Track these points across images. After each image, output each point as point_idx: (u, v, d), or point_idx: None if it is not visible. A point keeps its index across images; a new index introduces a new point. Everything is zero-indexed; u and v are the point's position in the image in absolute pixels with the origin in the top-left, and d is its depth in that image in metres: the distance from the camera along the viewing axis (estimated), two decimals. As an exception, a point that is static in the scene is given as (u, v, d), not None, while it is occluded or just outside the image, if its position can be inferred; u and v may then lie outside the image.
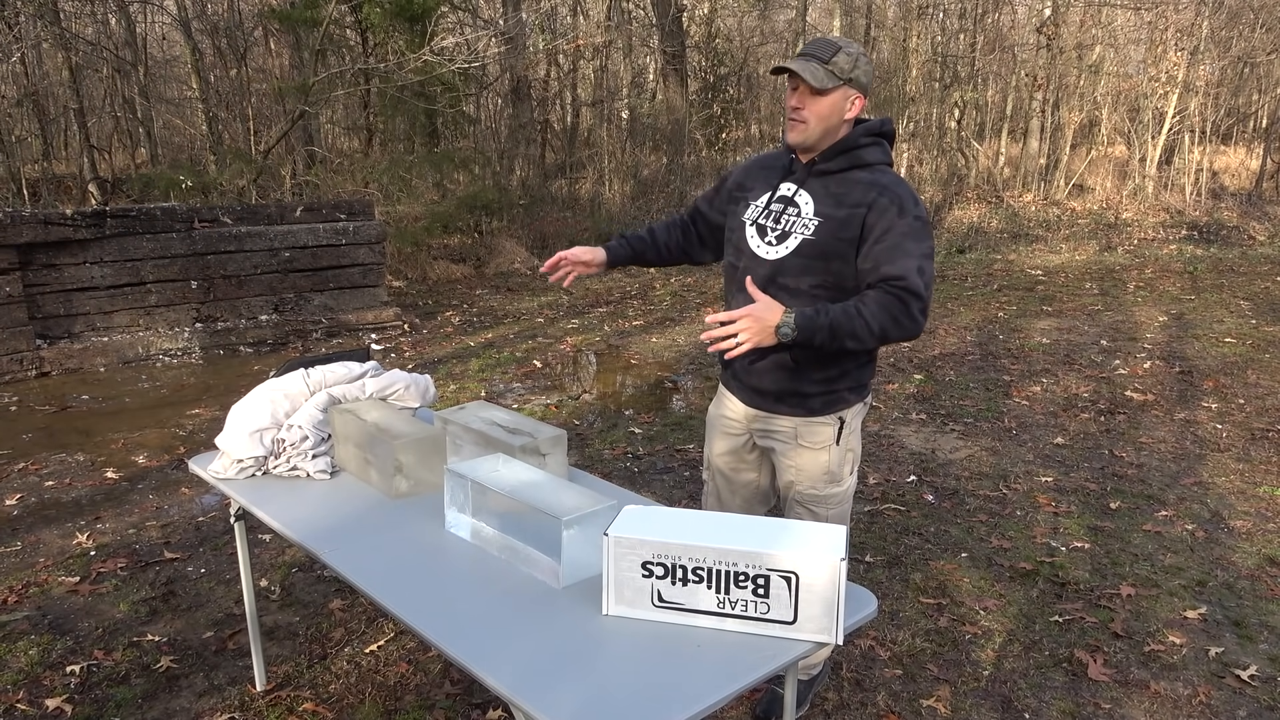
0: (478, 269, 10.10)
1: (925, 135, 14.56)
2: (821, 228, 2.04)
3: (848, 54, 2.00)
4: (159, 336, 6.53)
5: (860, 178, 2.04)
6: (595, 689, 1.41)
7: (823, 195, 2.06)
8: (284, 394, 2.34)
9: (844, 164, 2.06)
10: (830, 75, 1.99)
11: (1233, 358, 6.36)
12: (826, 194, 2.06)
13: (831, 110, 2.03)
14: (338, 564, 1.82)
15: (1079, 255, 11.24)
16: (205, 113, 11.50)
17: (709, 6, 14.83)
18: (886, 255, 1.97)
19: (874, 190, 2.01)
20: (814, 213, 2.06)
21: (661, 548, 1.54)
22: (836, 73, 1.99)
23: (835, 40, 2.03)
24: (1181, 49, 13.71)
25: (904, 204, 1.99)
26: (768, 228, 2.13)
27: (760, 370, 2.18)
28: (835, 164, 2.07)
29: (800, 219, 2.07)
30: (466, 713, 2.57)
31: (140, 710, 2.58)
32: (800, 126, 2.05)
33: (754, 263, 2.14)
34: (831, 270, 2.04)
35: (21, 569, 3.40)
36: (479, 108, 13.28)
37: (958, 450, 4.64)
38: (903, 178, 2.08)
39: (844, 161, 2.06)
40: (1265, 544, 3.60)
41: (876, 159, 2.07)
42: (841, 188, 2.05)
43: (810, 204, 2.07)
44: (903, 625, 3.02)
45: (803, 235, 2.06)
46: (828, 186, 2.07)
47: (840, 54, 2.00)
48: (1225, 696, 2.64)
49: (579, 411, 5.30)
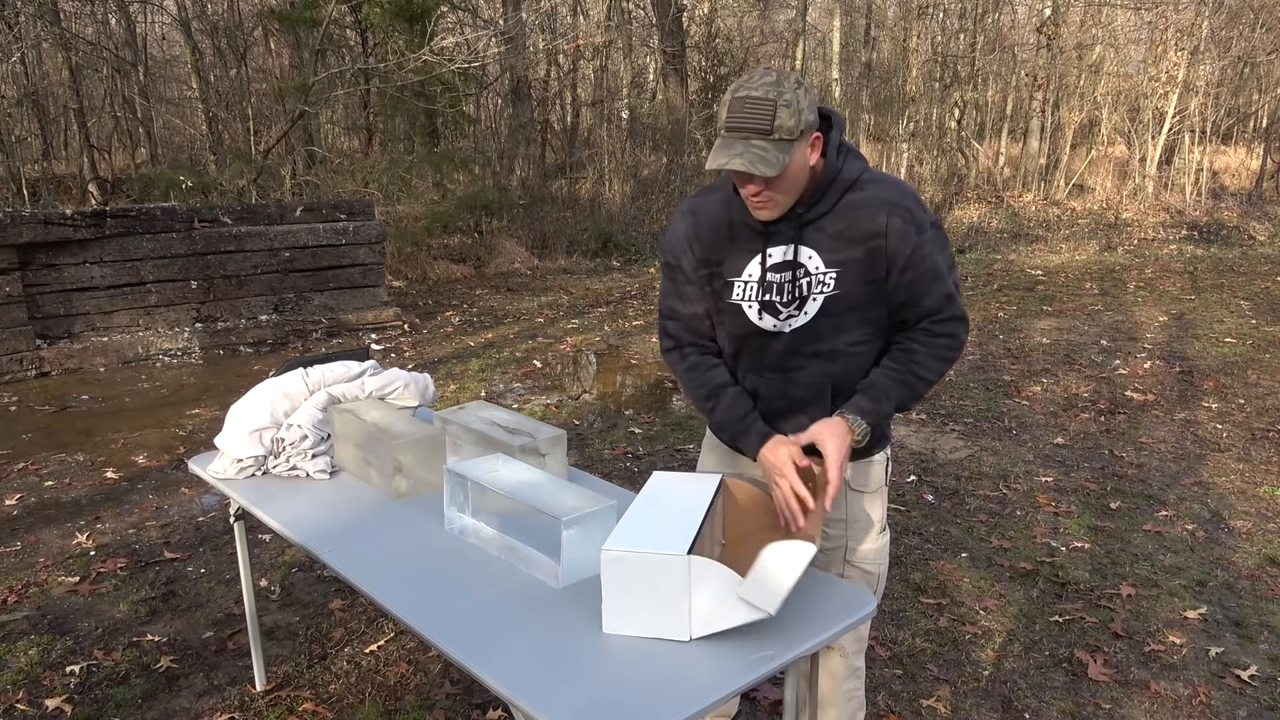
0: (478, 269, 10.10)
1: (925, 135, 14.57)
2: (843, 278, 1.74)
3: (786, 105, 1.58)
4: (159, 336, 6.53)
5: (857, 200, 1.72)
6: (595, 689, 1.41)
7: (825, 241, 1.74)
8: (283, 393, 2.34)
9: (834, 198, 1.73)
10: (781, 146, 1.60)
11: (1233, 358, 6.36)
12: (829, 238, 1.74)
13: (797, 174, 1.67)
14: (337, 564, 1.82)
15: (1079, 255, 11.24)
16: (205, 113, 11.51)
17: (709, 6, 14.83)
18: (922, 286, 1.74)
19: (882, 211, 1.71)
20: (825, 265, 1.74)
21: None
22: (786, 136, 1.59)
23: (765, 96, 1.58)
24: (1181, 49, 13.71)
25: (916, 216, 1.72)
26: (776, 304, 1.79)
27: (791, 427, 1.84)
28: (825, 204, 1.73)
29: (812, 277, 1.75)
30: (466, 713, 2.57)
31: (140, 710, 2.58)
32: (770, 206, 1.70)
33: (769, 339, 1.82)
34: (869, 319, 1.78)
35: (21, 569, 3.40)
36: (479, 108, 13.28)
37: (958, 450, 4.63)
38: (890, 175, 1.81)
39: (833, 196, 1.73)
40: (1265, 544, 3.60)
41: (858, 170, 1.74)
42: (842, 222, 1.73)
43: (816, 257, 1.75)
44: (903, 625, 3.02)
45: (823, 294, 1.75)
46: (825, 229, 1.74)
47: (780, 111, 1.58)
48: (1225, 696, 2.64)
49: (579, 411, 5.30)
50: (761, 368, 1.85)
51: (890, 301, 1.77)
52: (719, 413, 1.87)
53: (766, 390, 1.87)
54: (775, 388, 1.86)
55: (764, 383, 1.86)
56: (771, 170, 1.58)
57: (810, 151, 1.67)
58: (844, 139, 1.76)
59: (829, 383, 1.82)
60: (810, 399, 1.84)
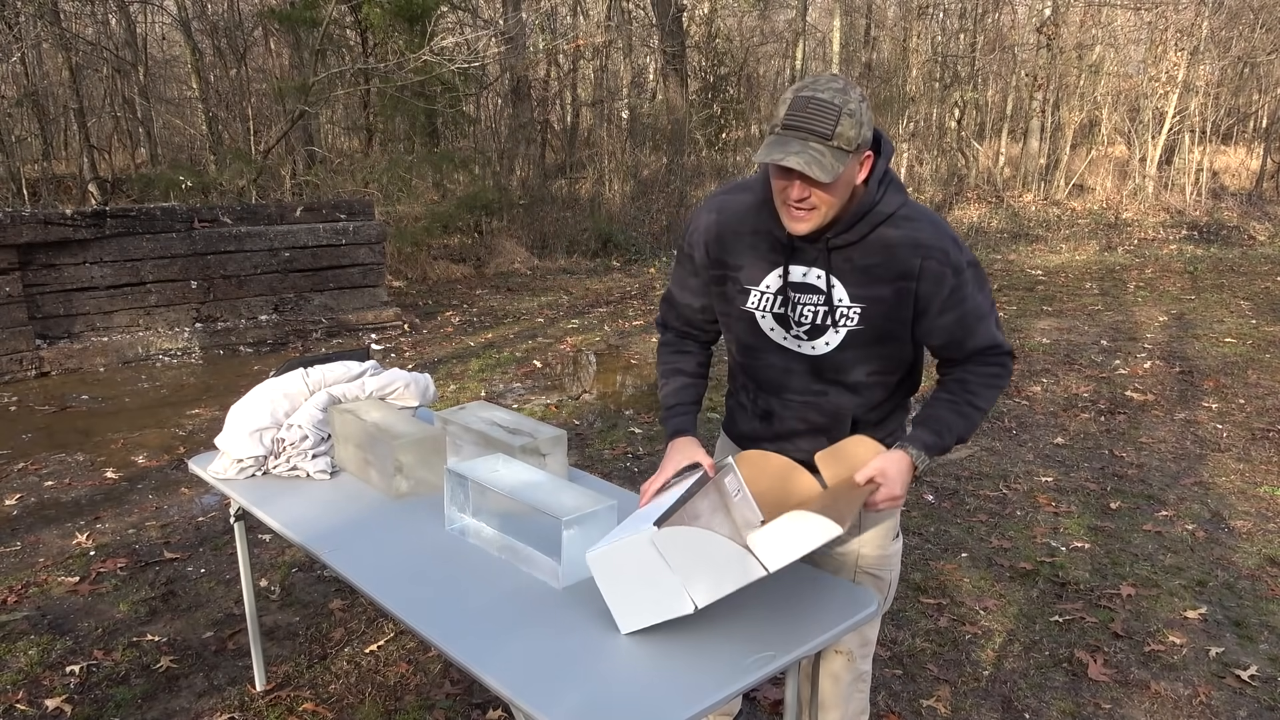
0: (478, 269, 10.10)
1: (925, 135, 14.57)
2: (867, 314, 1.69)
3: (850, 115, 1.51)
4: (159, 336, 6.53)
5: (891, 238, 1.64)
6: (595, 689, 1.41)
7: (852, 274, 1.67)
8: (283, 394, 2.34)
9: (865, 229, 1.65)
10: (838, 155, 1.52)
11: (1233, 358, 6.36)
12: (856, 270, 1.67)
13: (845, 189, 1.59)
14: (338, 564, 1.82)
15: (1079, 255, 11.25)
16: (205, 113, 11.50)
17: (709, 6, 14.83)
18: (965, 328, 1.70)
19: (917, 254, 1.63)
20: (850, 299, 1.68)
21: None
22: (845, 146, 1.52)
23: (831, 100, 1.51)
24: (1181, 49, 13.72)
25: (952, 258, 1.65)
26: (790, 319, 1.75)
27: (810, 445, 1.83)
28: (855, 233, 1.65)
29: (836, 308, 1.70)
30: (466, 713, 2.57)
31: (140, 710, 2.58)
32: (809, 217, 1.60)
33: (784, 358, 1.79)
34: (889, 353, 1.75)
35: (21, 569, 3.40)
36: (479, 108, 13.28)
37: (958, 450, 4.64)
38: (928, 210, 1.71)
39: (865, 227, 1.65)
40: (1265, 544, 3.60)
41: (896, 205, 1.65)
42: (872, 257, 1.66)
43: (841, 289, 1.69)
44: (903, 625, 3.02)
45: (847, 327, 1.70)
46: (853, 260, 1.67)
47: (843, 119, 1.51)
48: (1225, 696, 2.64)
49: (579, 411, 5.30)
50: (783, 390, 1.83)
51: (928, 343, 1.74)
52: (663, 392, 1.95)
53: (784, 412, 1.85)
54: (795, 412, 1.84)
55: (783, 404, 1.84)
56: (826, 176, 1.50)
57: (859, 170, 1.61)
58: (889, 168, 1.68)
59: (849, 413, 1.82)
60: (830, 424, 1.83)
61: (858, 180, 1.62)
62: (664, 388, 1.96)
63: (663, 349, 1.99)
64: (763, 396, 1.87)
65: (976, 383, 1.74)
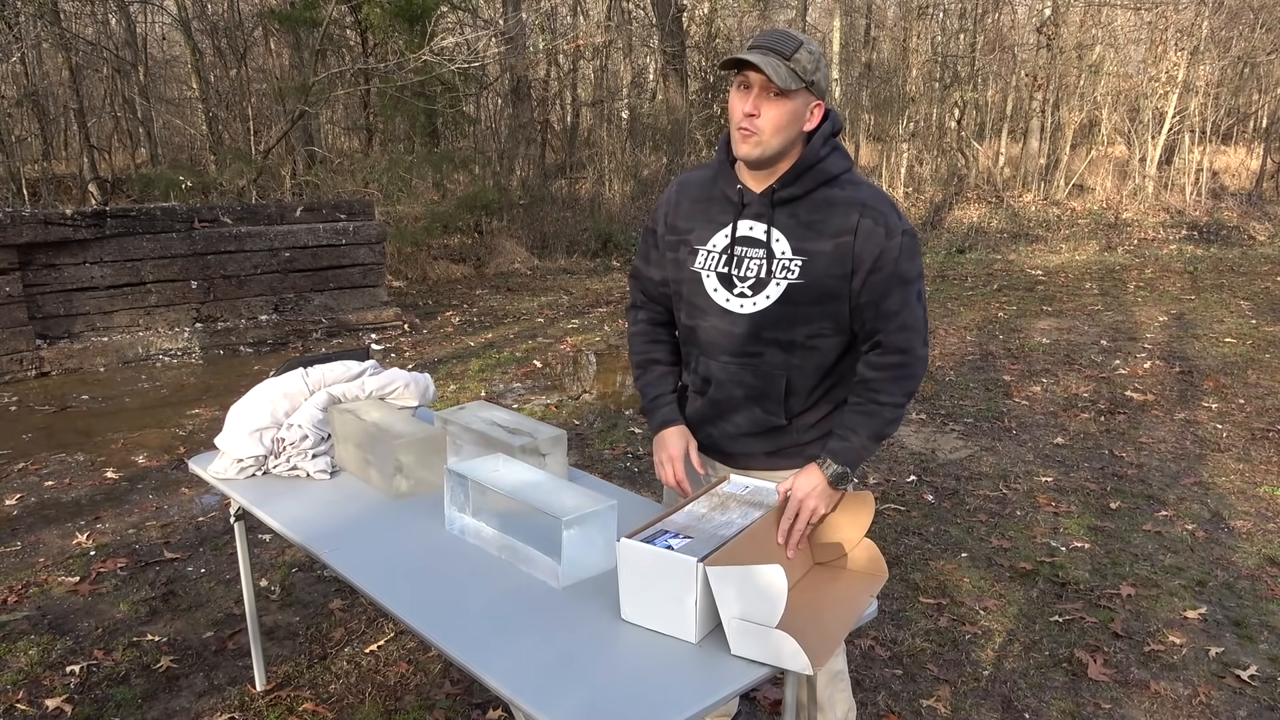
0: (478, 269, 10.10)
1: (925, 135, 14.56)
2: (808, 267, 1.72)
3: (809, 52, 1.66)
4: (159, 336, 6.53)
5: (833, 196, 1.73)
6: (595, 689, 1.41)
7: (796, 228, 1.74)
8: (283, 393, 2.34)
9: (810, 184, 1.73)
10: (793, 75, 1.64)
11: (1233, 358, 6.36)
12: (800, 225, 1.74)
13: (792, 119, 1.68)
14: (338, 564, 1.82)
15: (1079, 255, 11.25)
16: (205, 113, 11.50)
17: (709, 6, 14.83)
18: (882, 290, 1.72)
19: (855, 211, 1.71)
20: (792, 251, 1.74)
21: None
22: (799, 73, 1.65)
23: (794, 34, 1.67)
24: (1181, 49, 13.71)
25: (889, 222, 1.71)
26: (734, 277, 1.79)
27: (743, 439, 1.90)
28: (800, 186, 1.73)
29: (777, 261, 1.74)
30: (466, 713, 2.57)
31: (140, 710, 2.58)
32: (754, 138, 1.68)
33: (725, 320, 1.81)
34: (829, 313, 1.76)
35: (21, 569, 3.40)
36: (479, 108, 13.28)
37: (958, 450, 4.63)
38: (872, 183, 1.80)
39: (809, 181, 1.73)
40: (1265, 544, 3.60)
41: (841, 168, 1.75)
42: (815, 213, 1.73)
43: (784, 241, 1.74)
44: (903, 625, 3.02)
45: (787, 280, 1.74)
46: (798, 215, 1.74)
47: (802, 50, 1.65)
48: (1225, 696, 2.64)
49: (579, 411, 5.30)
50: (720, 351, 1.84)
51: (853, 302, 1.75)
52: (641, 383, 2.01)
53: (722, 375, 1.86)
54: (731, 373, 1.85)
55: (721, 368, 1.85)
56: (780, 81, 1.62)
57: (809, 118, 1.72)
58: (836, 140, 1.77)
59: (784, 374, 1.82)
60: (764, 389, 1.83)
61: (806, 126, 1.72)
62: (641, 378, 2.01)
63: (636, 339, 2.04)
64: (703, 362, 1.89)
65: (880, 378, 1.76)
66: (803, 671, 1.42)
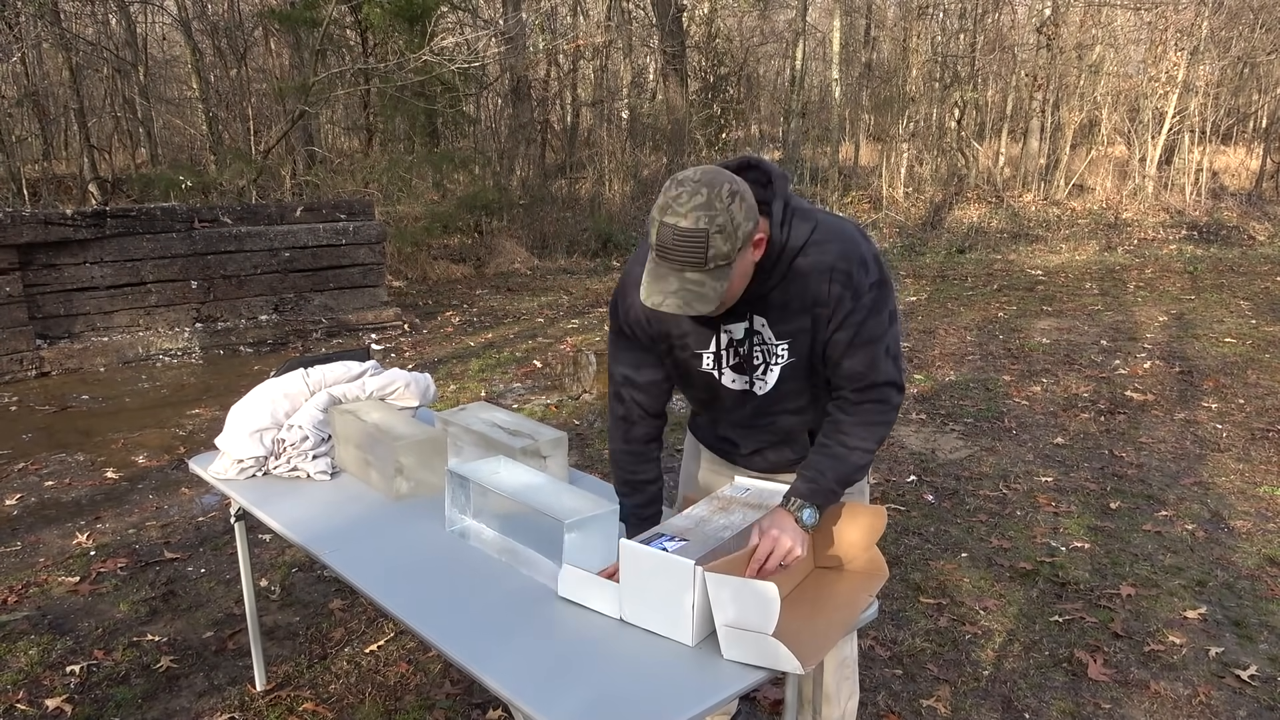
0: (478, 269, 10.10)
1: (925, 135, 14.56)
2: (795, 346, 1.72)
3: (720, 231, 1.45)
4: (159, 336, 6.53)
5: (803, 268, 1.64)
6: (595, 690, 1.41)
7: (775, 313, 1.69)
8: (284, 394, 2.34)
9: (782, 270, 1.65)
10: (718, 275, 1.49)
11: (1233, 358, 6.36)
12: (777, 309, 1.69)
13: (741, 275, 1.57)
14: (338, 565, 1.82)
15: (1079, 255, 11.25)
16: (205, 113, 11.50)
17: (709, 6, 14.82)
18: (846, 348, 1.68)
19: (824, 279, 1.63)
20: (776, 336, 1.71)
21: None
22: (722, 263, 1.48)
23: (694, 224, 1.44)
24: (1181, 49, 13.71)
25: (855, 279, 1.64)
26: (744, 366, 1.78)
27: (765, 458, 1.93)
28: (774, 278, 1.65)
29: (767, 346, 1.73)
30: (466, 713, 2.57)
31: (140, 710, 2.58)
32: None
33: (741, 398, 1.82)
34: (812, 382, 1.77)
35: (21, 569, 3.40)
36: (479, 108, 13.28)
37: (958, 450, 4.63)
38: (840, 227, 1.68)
39: (781, 269, 1.65)
40: (1265, 544, 3.60)
41: (805, 235, 1.63)
42: (788, 292, 1.66)
43: (767, 329, 1.71)
44: (903, 625, 3.02)
45: (780, 363, 1.73)
46: (773, 302, 1.68)
47: (713, 240, 1.45)
48: (1225, 696, 2.64)
49: (579, 412, 5.30)
50: (737, 424, 1.89)
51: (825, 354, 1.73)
52: (627, 506, 1.88)
53: (744, 439, 1.93)
54: (753, 437, 1.91)
55: (742, 434, 1.92)
56: (708, 306, 1.50)
57: (754, 251, 1.57)
58: (788, 199, 1.63)
59: (804, 427, 1.87)
60: (787, 438, 1.90)
61: (756, 256, 1.59)
62: (630, 496, 1.90)
63: (624, 456, 1.89)
64: (724, 427, 1.95)
65: (849, 422, 1.73)
66: (794, 672, 1.43)
